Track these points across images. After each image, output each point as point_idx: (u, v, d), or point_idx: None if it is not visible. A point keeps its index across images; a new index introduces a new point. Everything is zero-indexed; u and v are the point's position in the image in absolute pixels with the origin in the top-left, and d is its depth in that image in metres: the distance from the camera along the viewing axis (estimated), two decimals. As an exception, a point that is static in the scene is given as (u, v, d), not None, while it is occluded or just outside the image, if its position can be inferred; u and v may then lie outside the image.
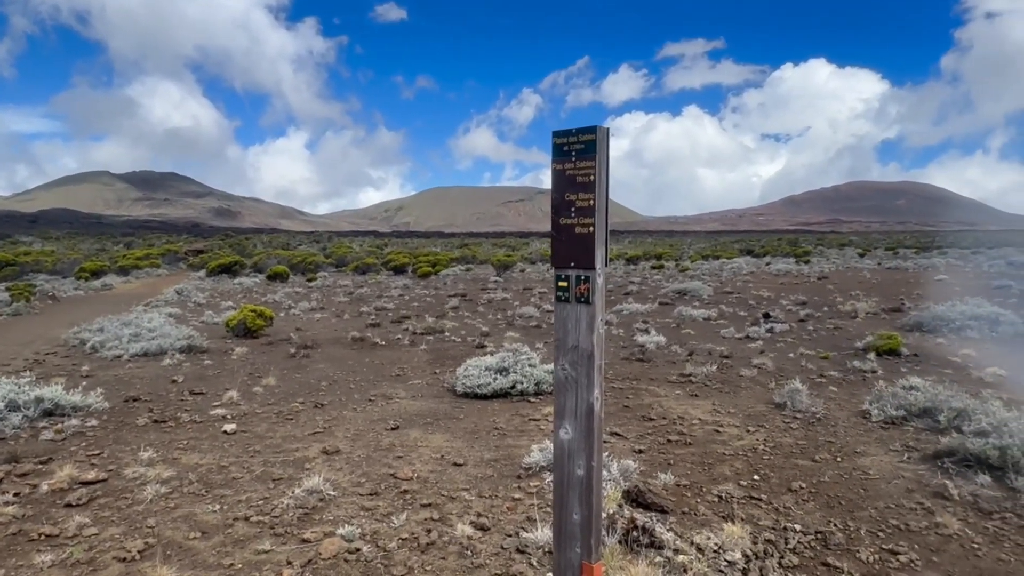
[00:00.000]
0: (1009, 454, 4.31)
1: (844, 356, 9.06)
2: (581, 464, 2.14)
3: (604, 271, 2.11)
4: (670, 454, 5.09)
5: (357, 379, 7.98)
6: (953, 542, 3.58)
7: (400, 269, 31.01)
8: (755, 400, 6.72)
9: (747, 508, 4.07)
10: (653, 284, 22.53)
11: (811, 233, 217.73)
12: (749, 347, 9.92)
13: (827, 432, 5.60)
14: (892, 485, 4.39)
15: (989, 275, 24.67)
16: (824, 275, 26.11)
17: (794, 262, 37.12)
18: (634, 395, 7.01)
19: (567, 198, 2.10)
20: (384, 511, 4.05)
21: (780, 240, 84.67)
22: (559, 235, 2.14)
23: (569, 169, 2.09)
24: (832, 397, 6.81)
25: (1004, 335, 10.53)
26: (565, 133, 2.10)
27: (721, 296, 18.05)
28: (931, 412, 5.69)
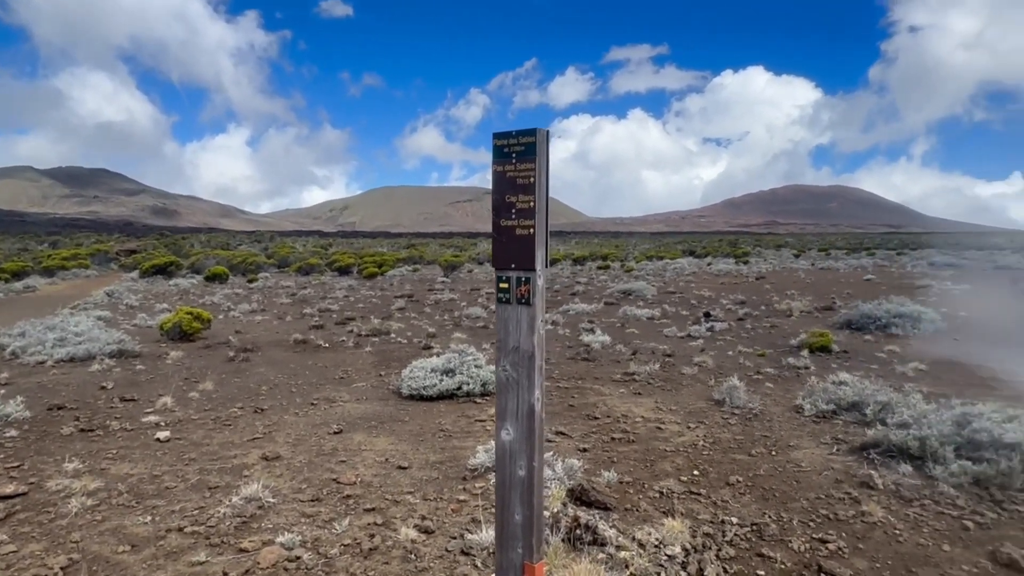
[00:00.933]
0: (928, 444, 4.57)
1: (780, 353, 9.41)
2: (522, 465, 2.15)
3: (545, 273, 2.13)
4: (614, 452, 5.17)
5: (299, 383, 7.80)
6: (877, 529, 3.77)
7: (345, 270, 30.48)
8: (696, 397, 6.90)
9: (687, 503, 4.17)
10: (599, 284, 22.85)
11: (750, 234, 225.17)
12: (690, 345, 10.18)
13: (763, 427, 5.81)
14: (823, 476, 4.59)
15: (912, 275, 26.09)
16: (762, 275, 27.06)
17: (734, 262, 38.33)
18: (579, 394, 7.09)
19: (507, 200, 2.11)
20: (326, 517, 3.97)
21: (721, 241, 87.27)
22: (500, 237, 2.15)
23: (509, 171, 2.10)
24: (768, 393, 7.05)
25: (925, 332, 11.14)
26: (505, 135, 2.10)
27: (664, 296, 18.47)
28: (859, 406, 5.97)
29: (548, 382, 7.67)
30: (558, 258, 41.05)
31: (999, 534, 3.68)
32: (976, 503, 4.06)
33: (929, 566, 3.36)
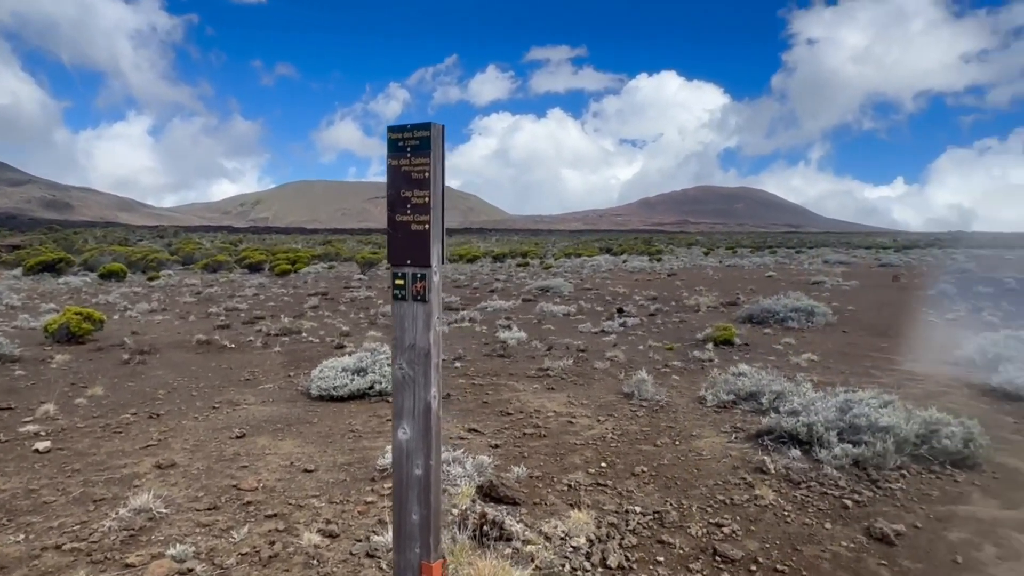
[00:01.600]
0: (814, 430, 4.88)
1: (687, 347, 9.80)
2: (419, 464, 2.12)
3: (441, 269, 2.11)
4: (525, 447, 5.22)
5: (201, 385, 7.40)
6: (768, 511, 3.99)
7: (256, 267, 29.25)
8: (606, 391, 7.08)
9: (594, 494, 4.27)
10: (518, 281, 23.04)
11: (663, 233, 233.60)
12: (604, 340, 10.44)
13: (668, 418, 6.03)
14: (721, 464, 4.81)
15: (808, 272, 27.86)
16: (674, 272, 28.13)
17: (648, 260, 39.65)
18: (494, 391, 7.11)
19: (403, 195, 2.07)
20: (224, 526, 3.78)
21: (636, 239, 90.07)
22: (395, 232, 2.10)
23: (404, 165, 2.06)
24: (675, 385, 7.33)
25: (817, 325, 11.92)
26: (400, 128, 2.06)
27: (581, 292, 18.85)
28: (756, 395, 6.31)
29: (463, 379, 7.65)
30: (478, 255, 41.08)
31: (874, 511, 3.98)
32: (855, 483, 4.38)
33: (812, 543, 3.59)
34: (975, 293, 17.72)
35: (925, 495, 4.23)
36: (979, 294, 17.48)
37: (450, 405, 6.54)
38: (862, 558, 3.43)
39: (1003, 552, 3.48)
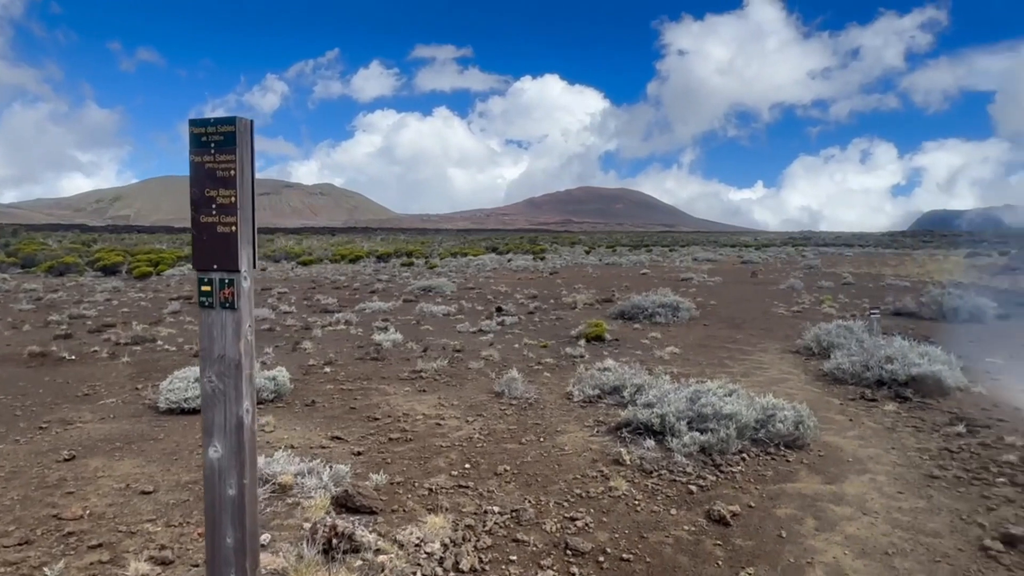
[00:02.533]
0: (667, 420, 5.15)
1: (561, 344, 10.05)
2: (233, 483, 1.98)
3: (252, 273, 1.97)
4: (389, 452, 5.10)
5: (28, 403, 6.61)
6: (621, 502, 4.15)
7: (112, 269, 26.71)
8: (478, 391, 7.09)
9: (454, 497, 4.24)
10: (400, 282, 22.67)
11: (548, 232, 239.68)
12: (481, 340, 10.47)
13: (536, 415, 6.13)
14: (581, 458, 4.95)
15: (679, 269, 29.61)
16: (556, 271, 28.87)
17: (532, 259, 40.44)
18: (363, 395, 6.91)
19: (207, 194, 1.92)
20: (36, 561, 3.37)
21: (522, 239, 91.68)
22: (200, 234, 1.94)
23: (208, 162, 1.91)
24: (545, 382, 7.48)
25: (682, 319, 12.67)
26: (203, 122, 1.90)
27: (464, 292, 18.85)
28: (619, 389, 6.56)
29: (331, 385, 7.38)
30: (361, 255, 40.02)
31: (715, 494, 4.25)
32: (701, 468, 4.66)
33: (658, 530, 3.77)
34: (818, 287, 19.61)
35: (761, 476, 4.58)
36: (821, 288, 19.36)
37: (315, 412, 6.27)
38: (701, 540, 3.65)
39: (820, 524, 3.83)
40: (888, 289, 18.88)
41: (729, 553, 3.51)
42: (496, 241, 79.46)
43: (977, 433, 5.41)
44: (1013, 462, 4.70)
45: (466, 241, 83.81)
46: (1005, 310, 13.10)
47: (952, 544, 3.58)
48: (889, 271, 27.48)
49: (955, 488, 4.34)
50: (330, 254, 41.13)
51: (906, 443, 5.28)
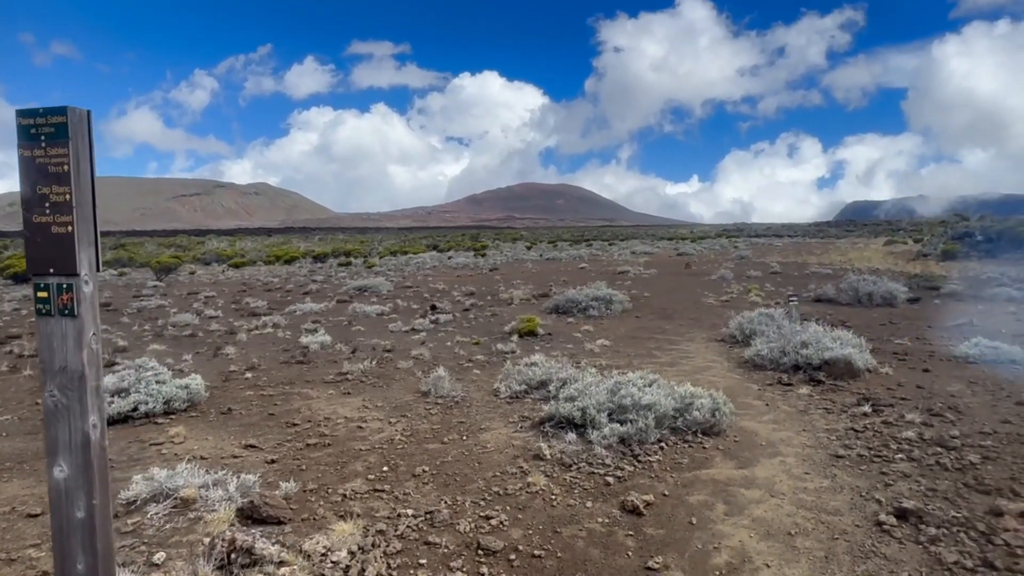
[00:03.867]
0: (587, 413, 5.17)
1: (493, 340, 10.00)
2: (81, 505, 1.82)
3: (94, 277, 1.82)
4: (304, 459, 4.92)
5: (-91, 425, 6.08)
6: (538, 497, 4.13)
7: (23, 277, 25.06)
8: (405, 391, 6.96)
9: (369, 502, 4.12)
10: (336, 282, 22.16)
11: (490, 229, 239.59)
12: (413, 339, 10.32)
13: (462, 413, 6.06)
14: (503, 455, 4.91)
15: (617, 262, 30.07)
16: (495, 267, 28.84)
17: (473, 256, 40.29)
18: (284, 400, 6.67)
19: (39, 191, 1.75)
20: None
21: (464, 236, 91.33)
22: (33, 236, 1.78)
23: (39, 156, 1.74)
24: (474, 380, 7.41)
25: (615, 312, 12.84)
26: (32, 113, 1.74)
27: (400, 291, 18.58)
28: (545, 384, 6.56)
29: (251, 391, 7.10)
30: (297, 256, 38.95)
31: (631, 484, 4.28)
32: (619, 460, 4.69)
33: (572, 524, 3.76)
34: (747, 276, 20.28)
35: (677, 464, 4.64)
36: (750, 277, 20.02)
37: (231, 420, 6.01)
38: (613, 531, 3.66)
39: (730, 508, 3.91)
40: (811, 277, 19.69)
41: (640, 543, 3.53)
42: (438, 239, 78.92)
43: (881, 412, 5.67)
44: (911, 438, 4.93)
45: (407, 239, 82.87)
46: (916, 294, 13.86)
47: (851, 521, 3.71)
48: (814, 260, 28.69)
49: (858, 466, 4.52)
50: (264, 255, 39.88)
51: (816, 425, 5.47)
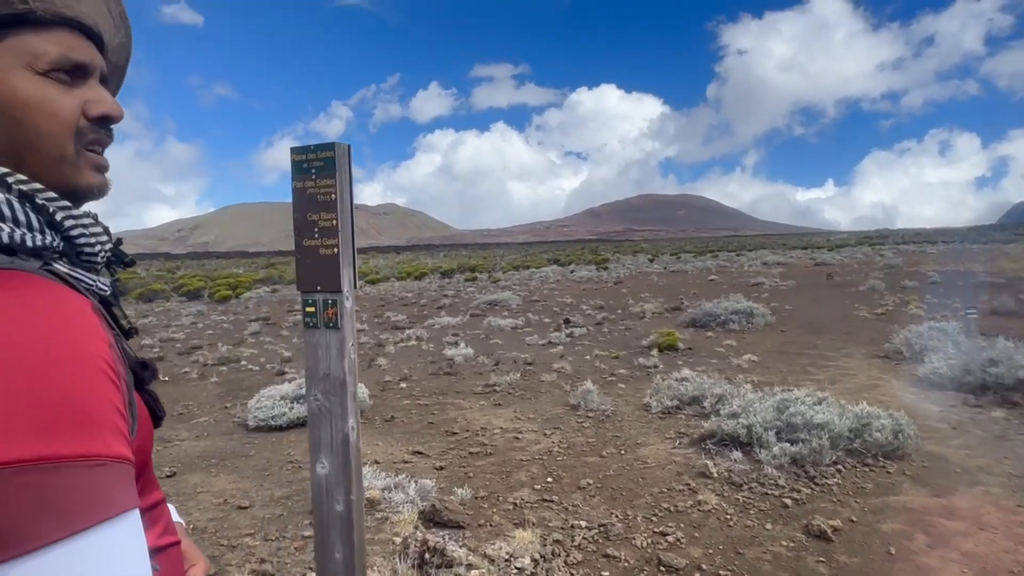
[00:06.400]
0: (754, 431, 4.97)
1: (632, 354, 9.90)
2: (340, 499, 2.02)
3: (353, 293, 2.03)
4: (470, 467, 5.12)
5: (130, 423, 7.02)
6: (711, 516, 4.02)
7: (195, 294, 28.21)
8: (553, 403, 7.05)
9: (539, 511, 4.21)
10: (466, 296, 22.94)
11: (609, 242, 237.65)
12: (551, 352, 10.44)
13: (614, 427, 6.04)
14: (665, 471, 4.83)
15: (748, 274, 28.72)
16: (620, 280, 28.54)
17: (595, 269, 40.14)
18: (439, 410, 6.99)
19: (309, 218, 1.99)
20: (148, 575, 3.55)
21: (583, 249, 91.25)
22: (303, 257, 2.01)
23: (310, 187, 1.98)
24: (620, 394, 7.37)
25: (757, 326, 12.25)
26: (304, 150, 1.98)
27: (529, 305, 18.88)
28: (698, 400, 6.39)
29: (408, 400, 7.50)
30: (426, 272, 40.80)
31: (812, 508, 4.06)
32: (794, 481, 4.46)
33: (754, 545, 3.62)
34: (902, 287, 18.60)
35: (860, 488, 4.34)
36: (905, 288, 18.35)
37: (395, 428, 6.39)
38: (802, 556, 3.48)
39: (932, 540, 3.59)
40: (981, 287, 17.70)
41: (834, 571, 3.33)
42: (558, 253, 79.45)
43: (1102, 440, 4.97)
44: None
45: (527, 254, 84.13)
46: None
47: (1087, 562, 3.28)
48: (980, 268, 25.78)
49: (1083, 501, 3.99)
50: (396, 272, 42.12)
51: (1021, 452, 4.90)
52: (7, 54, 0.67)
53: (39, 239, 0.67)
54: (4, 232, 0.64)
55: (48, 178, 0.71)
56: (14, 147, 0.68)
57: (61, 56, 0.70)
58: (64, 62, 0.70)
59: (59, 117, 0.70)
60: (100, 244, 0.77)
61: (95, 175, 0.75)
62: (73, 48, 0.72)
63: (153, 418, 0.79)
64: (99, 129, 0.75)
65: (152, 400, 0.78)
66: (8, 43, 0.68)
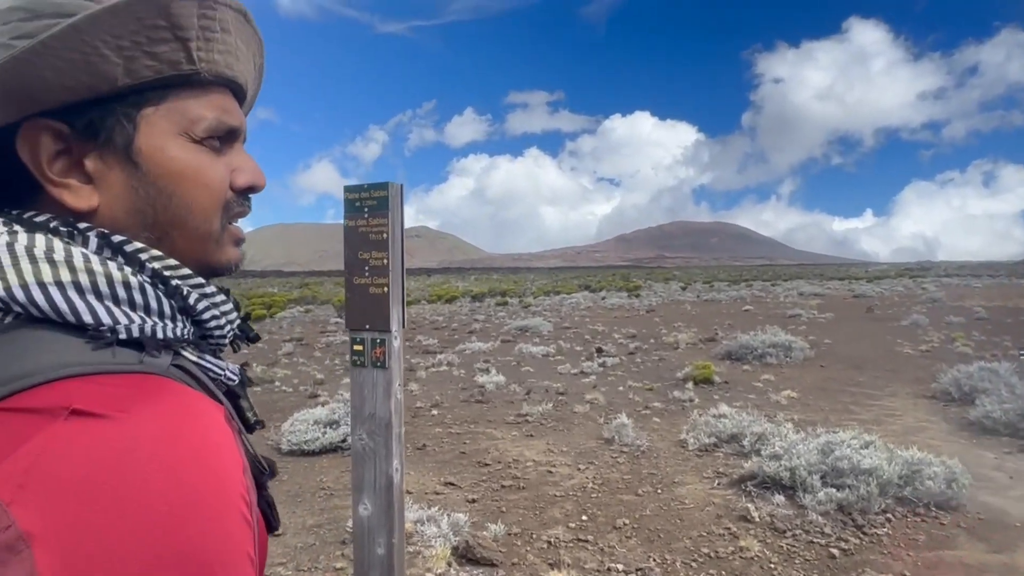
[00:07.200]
0: (797, 474, 4.79)
1: (667, 387, 9.72)
2: (382, 542, 1.98)
3: (401, 333, 2.01)
4: (503, 501, 5.04)
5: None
6: (755, 564, 3.86)
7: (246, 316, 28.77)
8: (587, 436, 6.93)
9: (574, 551, 4.10)
10: (497, 321, 22.92)
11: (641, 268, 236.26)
12: (583, 382, 10.32)
13: (650, 464, 5.90)
14: (704, 513, 4.69)
15: (785, 304, 28.16)
16: (652, 308, 28.24)
17: (626, 296, 39.83)
18: (471, 439, 6.93)
19: (360, 256, 1.98)
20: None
21: (614, 275, 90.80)
22: (353, 295, 2.01)
23: (362, 226, 1.98)
24: (656, 428, 7.22)
25: (796, 360, 11.95)
26: (357, 188, 1.99)
27: (560, 331, 18.77)
28: (737, 438, 6.21)
29: (440, 428, 7.46)
30: (456, 295, 40.98)
31: (862, 559, 3.87)
32: (841, 530, 4.28)
33: (801, 599, 3.47)
34: (947, 323, 18.00)
35: (912, 540, 4.14)
36: (950, 324, 17.75)
37: (426, 456, 6.35)
38: (852, 613, 3.31)
39: (994, 601, 3.39)
40: (1031, 325, 17.03)
41: (888, 631, 3.16)
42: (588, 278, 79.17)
43: None
44: None
45: (558, 279, 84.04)
46: None
47: None
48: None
49: None
50: (427, 295, 42.42)
51: (1085, 507, 4.63)
52: (164, 120, 0.61)
53: (171, 329, 0.60)
54: (134, 324, 0.56)
55: (189, 255, 0.65)
56: (159, 222, 0.62)
57: (217, 121, 0.64)
58: (220, 127, 0.65)
59: (211, 189, 0.64)
60: (229, 323, 0.70)
61: (235, 250, 0.70)
62: (227, 111, 0.66)
63: (268, 527, 0.69)
64: (244, 201, 0.69)
65: (269, 508, 0.69)
66: (167, 106, 0.61)
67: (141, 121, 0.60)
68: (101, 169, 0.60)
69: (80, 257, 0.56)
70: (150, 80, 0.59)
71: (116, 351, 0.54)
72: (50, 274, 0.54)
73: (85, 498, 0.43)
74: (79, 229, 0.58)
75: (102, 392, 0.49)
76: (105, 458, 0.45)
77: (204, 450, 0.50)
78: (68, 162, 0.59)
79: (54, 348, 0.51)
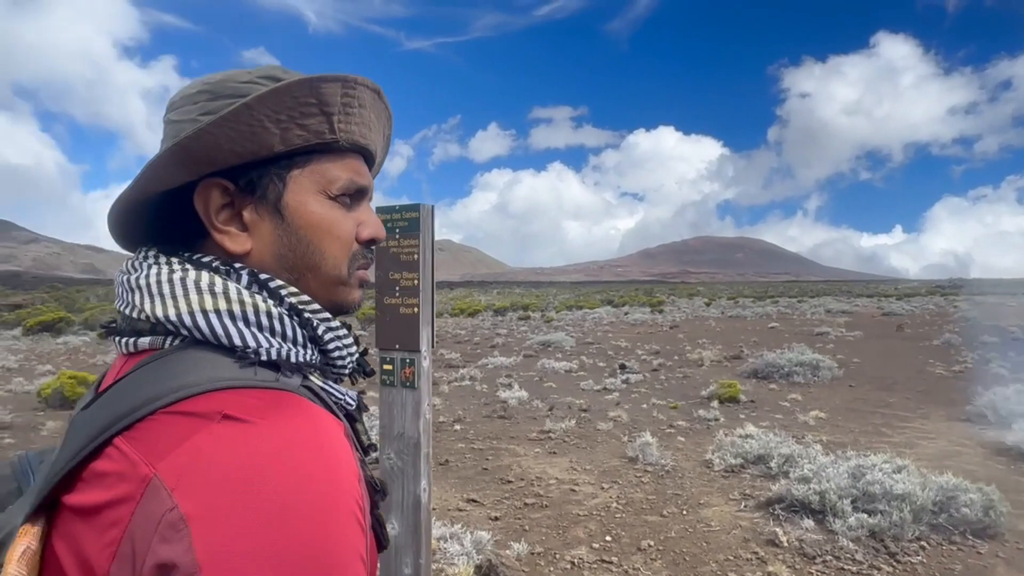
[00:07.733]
0: (827, 498, 4.69)
1: (691, 405, 9.60)
2: (408, 562, 1.98)
3: (430, 353, 2.02)
4: (526, 519, 5.01)
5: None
6: (783, 591, 3.78)
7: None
8: (610, 455, 6.87)
9: (598, 573, 4.06)
10: (519, 336, 22.89)
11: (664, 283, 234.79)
12: (606, 399, 10.24)
13: (675, 484, 5.82)
14: (731, 536, 4.60)
15: (811, 322, 27.71)
16: (676, 324, 27.98)
17: (649, 311, 39.53)
18: (494, 456, 6.91)
19: (391, 277, 2.01)
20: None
21: (637, 290, 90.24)
22: (383, 315, 2.03)
23: (393, 247, 2.01)
24: (680, 448, 7.13)
25: (823, 379, 11.73)
26: (389, 209, 2.02)
27: (583, 347, 18.68)
28: (764, 459, 6.11)
29: (463, 444, 7.46)
30: (479, 309, 41.04)
31: (895, 589, 3.77)
32: (873, 557, 4.17)
33: (832, 628, 3.38)
34: (981, 343, 17.54)
35: (948, 570, 4.01)
36: (985, 344, 17.29)
37: (449, 472, 6.34)
38: (886, 645, 3.22)
39: (1036, 636, 3.26)
40: (1070, 346, 16.50)
41: (924, 664, 3.06)
42: (611, 293, 78.82)
43: None
44: None
45: (581, 294, 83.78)
46: None
47: None
48: (1067, 324, 24.09)
49: None
50: (450, 308, 42.56)
51: None
52: (307, 179, 0.72)
53: (302, 355, 0.70)
54: (273, 348, 0.67)
55: (320, 294, 0.75)
56: (297, 265, 0.73)
57: (350, 182, 0.75)
58: (351, 187, 0.75)
59: (341, 240, 0.75)
60: (350, 355, 0.79)
61: (359, 292, 0.80)
62: (359, 173, 0.77)
63: (378, 545, 0.76)
64: (368, 252, 0.79)
65: (379, 525, 0.76)
66: (311, 168, 0.72)
67: (290, 180, 0.72)
68: (255, 219, 0.72)
69: (234, 290, 0.68)
70: (299, 147, 0.71)
71: (257, 370, 0.64)
72: (211, 303, 0.66)
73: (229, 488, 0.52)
74: (234, 268, 0.70)
75: (246, 403, 0.59)
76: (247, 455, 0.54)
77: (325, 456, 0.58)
78: (231, 213, 0.72)
79: (211, 365, 0.63)
